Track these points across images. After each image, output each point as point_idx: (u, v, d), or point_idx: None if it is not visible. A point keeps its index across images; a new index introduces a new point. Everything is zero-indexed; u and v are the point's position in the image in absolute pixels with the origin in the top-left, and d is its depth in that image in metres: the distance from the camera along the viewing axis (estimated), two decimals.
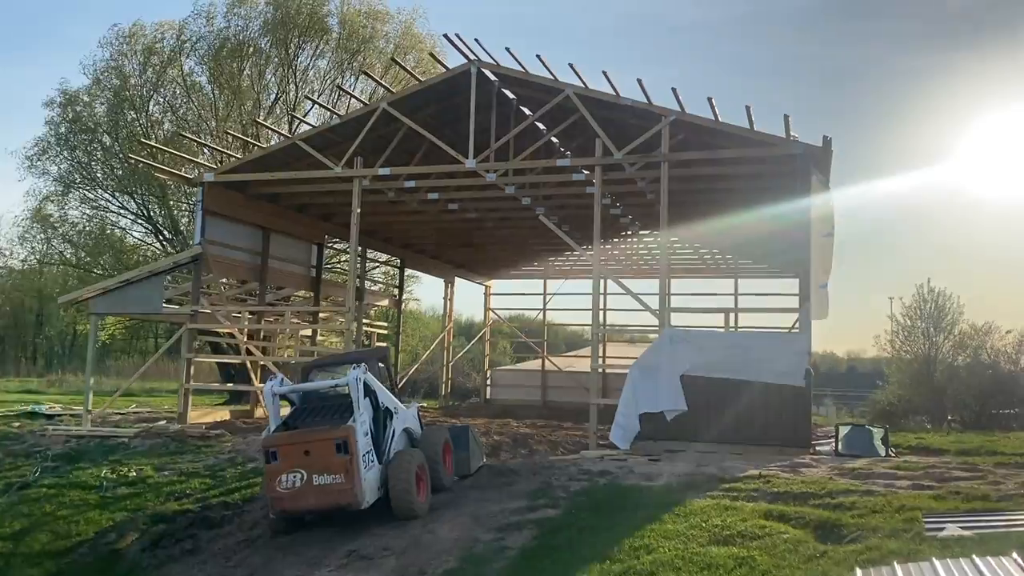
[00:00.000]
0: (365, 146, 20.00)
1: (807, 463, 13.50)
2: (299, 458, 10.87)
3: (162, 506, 13.59)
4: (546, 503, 11.19)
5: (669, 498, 10.48)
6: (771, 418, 15.98)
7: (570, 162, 18.31)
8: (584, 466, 13.71)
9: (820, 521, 8.60)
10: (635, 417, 16.31)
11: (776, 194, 19.70)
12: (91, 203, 37.89)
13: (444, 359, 33.68)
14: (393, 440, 12.11)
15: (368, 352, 14.54)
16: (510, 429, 20.98)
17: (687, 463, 13.88)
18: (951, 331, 32.96)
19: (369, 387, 11.56)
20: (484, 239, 28.39)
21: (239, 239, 21.62)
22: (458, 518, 11.14)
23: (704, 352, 16.54)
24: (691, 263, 32.25)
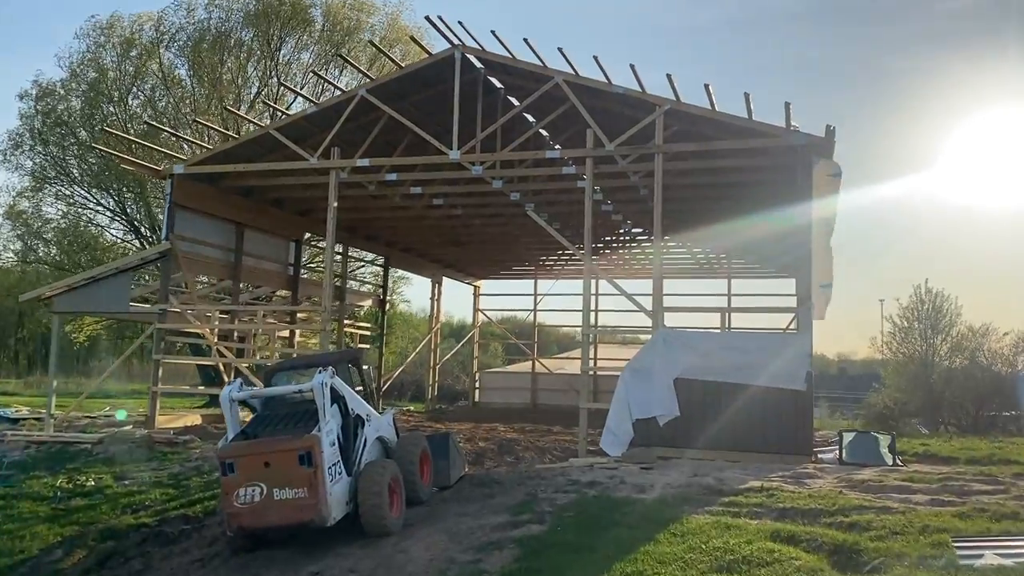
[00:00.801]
0: (344, 137, 19.02)
1: (811, 473, 12.59)
2: (258, 470, 9.89)
3: (116, 520, 12.62)
4: (530, 518, 10.24)
5: (664, 514, 9.55)
6: (770, 424, 15.08)
7: (560, 153, 17.36)
8: (572, 476, 12.77)
9: (835, 544, 7.68)
10: (627, 422, 15.39)
11: (776, 189, 18.84)
12: (67, 199, 36.81)
13: (431, 362, 32.69)
14: (364, 450, 11.13)
15: (338, 354, 13.59)
16: (497, 434, 20.04)
17: (682, 472, 12.95)
18: (948, 333, 32.35)
19: (337, 392, 10.59)
20: (472, 237, 27.44)
21: (211, 235, 20.61)
22: (434, 535, 10.17)
23: (699, 354, 15.63)
24: (685, 264, 31.37)
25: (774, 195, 19.48)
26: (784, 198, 18.81)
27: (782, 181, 18.15)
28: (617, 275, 29.96)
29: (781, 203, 19.34)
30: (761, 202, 20.33)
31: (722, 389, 15.33)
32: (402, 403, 36.38)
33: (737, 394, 15.21)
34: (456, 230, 26.08)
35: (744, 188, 19.58)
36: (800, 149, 15.76)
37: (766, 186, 19.10)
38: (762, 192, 19.66)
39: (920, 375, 31.41)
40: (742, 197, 20.30)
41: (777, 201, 19.54)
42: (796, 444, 14.89)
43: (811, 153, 15.62)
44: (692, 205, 21.38)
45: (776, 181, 18.45)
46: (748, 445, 15.09)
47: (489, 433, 20.48)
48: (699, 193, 20.18)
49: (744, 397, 15.17)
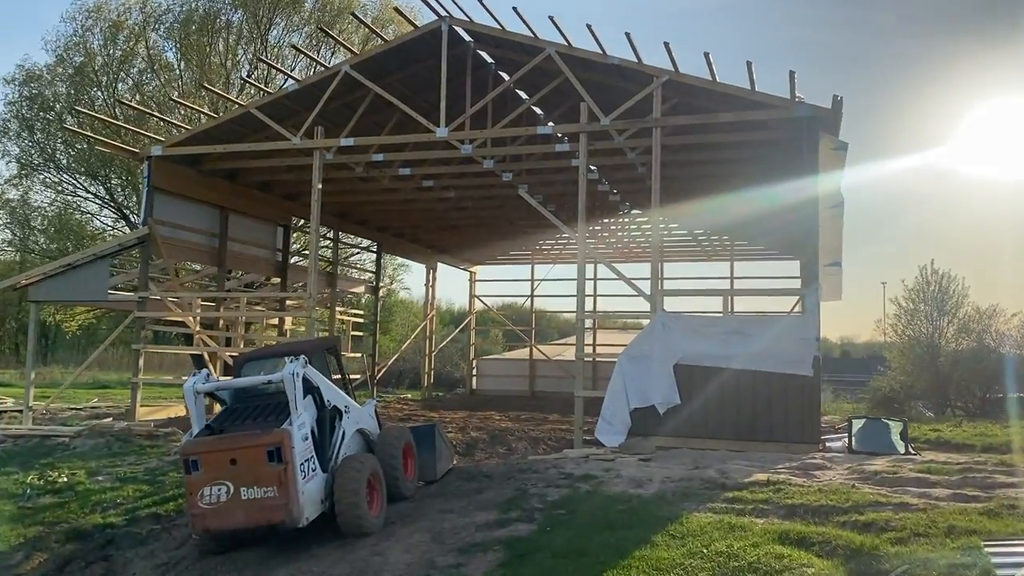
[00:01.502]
0: (329, 117, 18.24)
1: (819, 464, 11.85)
2: (224, 468, 9.17)
3: (85, 519, 11.87)
4: (519, 516, 9.53)
5: (662, 511, 8.82)
6: (776, 412, 14.36)
7: (552, 129, 16.55)
8: (566, 468, 12.05)
9: (851, 548, 6.93)
10: (624, 411, 14.66)
11: (780, 166, 18.04)
12: (55, 187, 36.04)
13: (426, 349, 31.97)
14: (342, 444, 10.41)
15: (313, 342, 12.85)
16: (490, 423, 19.33)
17: (682, 464, 12.23)
18: (955, 314, 31.71)
19: (311, 383, 9.85)
20: (465, 221, 26.66)
21: (193, 219, 19.83)
22: (415, 535, 9.46)
23: (700, 339, 14.88)
24: (685, 245, 30.60)
25: (778, 172, 18.67)
26: (788, 175, 18.03)
27: (786, 158, 17.36)
28: (615, 259, 29.18)
29: (785, 180, 18.56)
30: (764, 180, 19.51)
31: (724, 375, 14.60)
32: (399, 391, 35.73)
33: (741, 381, 14.49)
34: (449, 214, 25.30)
35: (746, 165, 18.77)
36: (805, 122, 14.97)
37: (769, 163, 18.30)
38: (765, 169, 18.85)
39: (926, 358, 30.81)
40: (744, 175, 19.49)
41: (781, 178, 18.74)
42: (803, 433, 14.17)
43: (817, 126, 14.82)
44: (692, 184, 20.57)
45: (780, 158, 17.65)
46: (752, 434, 14.38)
47: (483, 422, 19.77)
48: (699, 171, 19.37)
49: (748, 384, 14.45)
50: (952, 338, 31.64)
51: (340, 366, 11.37)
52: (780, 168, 18.34)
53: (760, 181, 19.75)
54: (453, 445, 14.93)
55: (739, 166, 18.91)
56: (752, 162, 18.56)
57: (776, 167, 18.42)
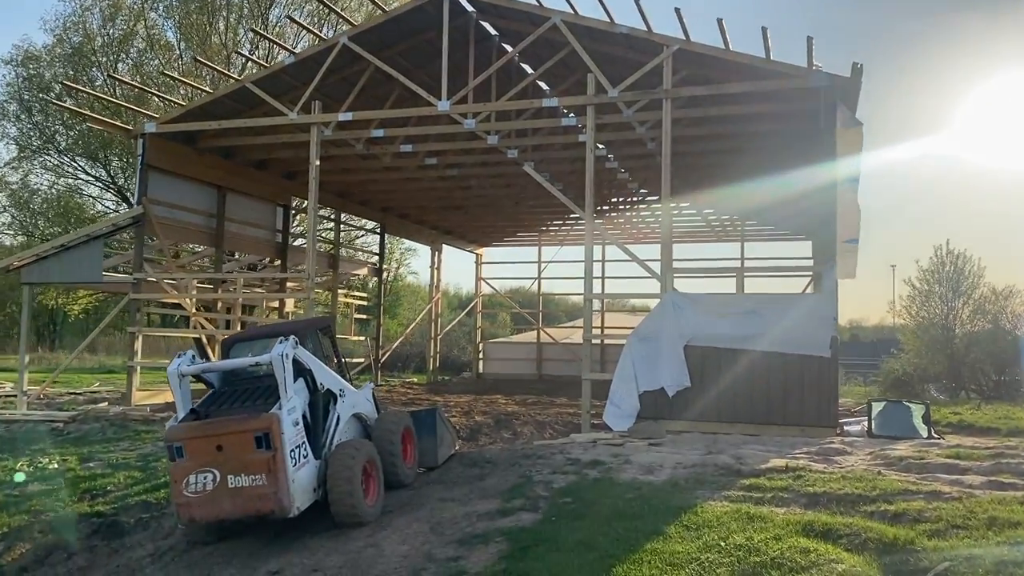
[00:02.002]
0: (327, 92, 17.67)
1: (839, 448, 11.28)
2: (210, 455, 8.66)
3: (72, 507, 11.41)
4: (522, 505, 9.00)
5: (675, 500, 8.27)
6: (791, 394, 13.79)
7: (558, 102, 15.90)
8: (573, 454, 11.51)
9: (884, 542, 6.35)
10: (633, 395, 14.12)
11: (796, 140, 17.41)
12: (56, 170, 35.59)
13: (431, 332, 31.46)
14: (337, 429, 9.89)
15: (305, 322, 12.31)
16: (496, 407, 18.83)
17: (695, 449, 11.68)
18: (971, 295, 31.14)
19: (302, 365, 9.32)
20: (470, 201, 26.06)
21: (190, 199, 19.31)
22: (413, 525, 8.94)
23: (713, 319, 14.31)
24: (696, 227, 29.96)
25: (793, 148, 18.05)
26: (804, 150, 17.38)
27: (802, 132, 16.72)
28: (625, 240, 28.57)
29: (801, 155, 17.91)
30: (779, 155, 18.90)
31: (738, 357, 14.04)
32: (405, 375, 35.31)
33: (755, 362, 13.93)
34: (453, 193, 24.71)
35: (761, 140, 18.11)
36: (823, 92, 14.29)
37: (785, 138, 17.66)
38: (780, 145, 18.23)
39: (941, 340, 30.26)
40: (759, 149, 18.85)
41: (796, 154, 18.10)
42: (820, 416, 13.61)
43: (835, 97, 14.16)
44: (704, 160, 19.92)
45: (795, 132, 17.01)
46: (767, 417, 13.83)
47: (488, 406, 19.27)
48: (711, 146, 18.70)
49: (763, 366, 13.89)
50: (967, 320, 31.12)
51: (335, 347, 10.84)
52: (796, 144, 17.70)
53: (775, 157, 19.12)
54: (456, 430, 14.41)
55: (753, 141, 18.25)
56: (767, 137, 17.90)
57: (791, 143, 17.78)
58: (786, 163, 19.50)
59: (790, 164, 19.31)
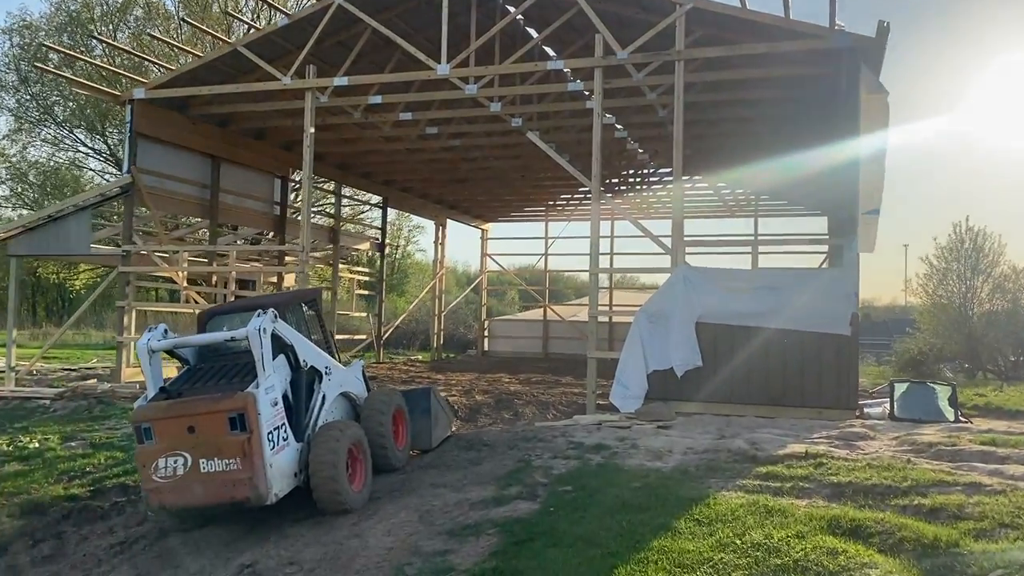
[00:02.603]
0: (323, 57, 16.91)
1: (861, 432, 10.55)
2: (181, 437, 8.00)
3: (47, 489, 10.80)
4: (520, 493, 8.32)
5: (685, 490, 7.56)
6: (808, 374, 13.04)
7: (564, 65, 15.05)
8: (576, 436, 10.82)
9: (923, 543, 5.60)
10: (641, 374, 13.39)
11: (816, 108, 16.54)
12: (54, 143, 34.92)
13: (435, 309, 30.77)
14: (322, 409, 9.21)
15: (289, 294, 11.61)
16: (499, 386, 18.16)
17: (706, 432, 10.96)
18: (990, 273, 30.33)
19: (282, 340, 8.62)
20: (475, 174, 25.25)
21: (182, 169, 18.60)
22: (401, 513, 8.27)
23: (726, 294, 13.54)
24: (708, 201, 29.09)
25: (813, 116, 17.19)
26: (825, 118, 16.53)
27: (823, 98, 15.87)
28: (635, 216, 27.70)
29: (821, 124, 17.05)
30: (798, 124, 18.03)
31: (752, 335, 13.29)
32: (410, 352, 34.71)
33: (770, 340, 13.18)
34: (457, 165, 23.91)
35: (779, 107, 17.22)
36: (846, 53, 13.41)
37: (804, 105, 16.78)
38: (799, 112, 17.34)
39: (958, 319, 29.52)
40: (776, 118, 17.99)
41: (816, 123, 17.24)
42: (839, 398, 12.87)
43: (858, 60, 13.27)
44: (718, 129, 19.05)
45: (816, 99, 16.14)
46: (782, 399, 13.10)
47: (491, 385, 18.60)
48: (726, 114, 17.83)
49: (778, 344, 13.14)
50: (986, 299, 30.37)
51: (321, 322, 10.14)
52: (816, 112, 16.83)
53: (793, 127, 18.25)
54: (454, 410, 13.76)
55: (770, 108, 17.36)
56: (785, 105, 17.02)
57: (811, 111, 16.90)
58: (805, 133, 18.63)
59: (810, 134, 18.46)
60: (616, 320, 28.02)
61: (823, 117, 16.77)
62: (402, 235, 57.30)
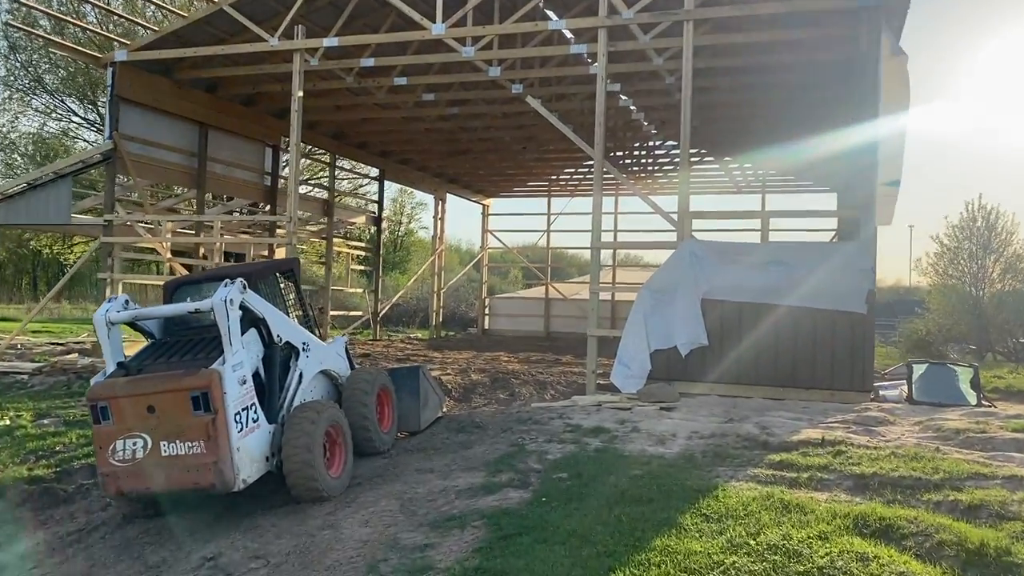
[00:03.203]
0: (314, 19, 16.12)
1: (879, 417, 9.84)
2: (140, 417, 7.32)
3: (10, 471, 10.16)
4: (510, 480, 7.64)
5: (691, 480, 6.87)
6: (821, 355, 12.32)
7: (565, 24, 14.21)
8: (573, 419, 10.13)
9: (968, 547, 4.84)
10: (644, 353, 12.68)
11: (833, 75, 15.72)
12: (47, 113, 34.12)
13: (435, 286, 30.06)
14: (298, 388, 8.53)
15: (262, 264, 10.91)
16: (496, 365, 17.48)
17: (712, 416, 10.27)
18: (1002, 253, 29.63)
19: (253, 313, 7.92)
20: (475, 145, 24.45)
21: (168, 136, 17.81)
22: (382, 502, 7.61)
23: (735, 269, 12.80)
24: (715, 177, 28.25)
25: (830, 84, 16.37)
26: (842, 83, 15.72)
27: (840, 64, 15.03)
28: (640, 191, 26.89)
29: (837, 92, 16.26)
30: (814, 93, 17.22)
31: (762, 312, 12.56)
32: (410, 330, 34.07)
33: (780, 318, 12.45)
34: (456, 135, 23.10)
35: (794, 73, 16.35)
36: (867, 13, 12.58)
37: (821, 71, 15.92)
38: (816, 80, 16.48)
39: (968, 299, 28.88)
40: (791, 86, 17.12)
41: (832, 90, 16.44)
42: (853, 379, 12.14)
43: (879, 20, 12.43)
44: (728, 98, 18.19)
45: (833, 65, 15.29)
46: (793, 380, 12.39)
47: (489, 363, 17.93)
48: (738, 81, 16.97)
49: (789, 322, 12.42)
50: (997, 279, 29.75)
51: (300, 294, 9.42)
52: (832, 79, 16.01)
53: (808, 95, 17.43)
54: (447, 389, 13.09)
55: (785, 76, 16.49)
56: (800, 71, 16.16)
57: (828, 77, 16.07)
58: (821, 104, 17.84)
59: (825, 105, 17.66)
60: (619, 298, 27.29)
61: (840, 84, 15.96)
62: (405, 212, 56.55)
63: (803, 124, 18.98)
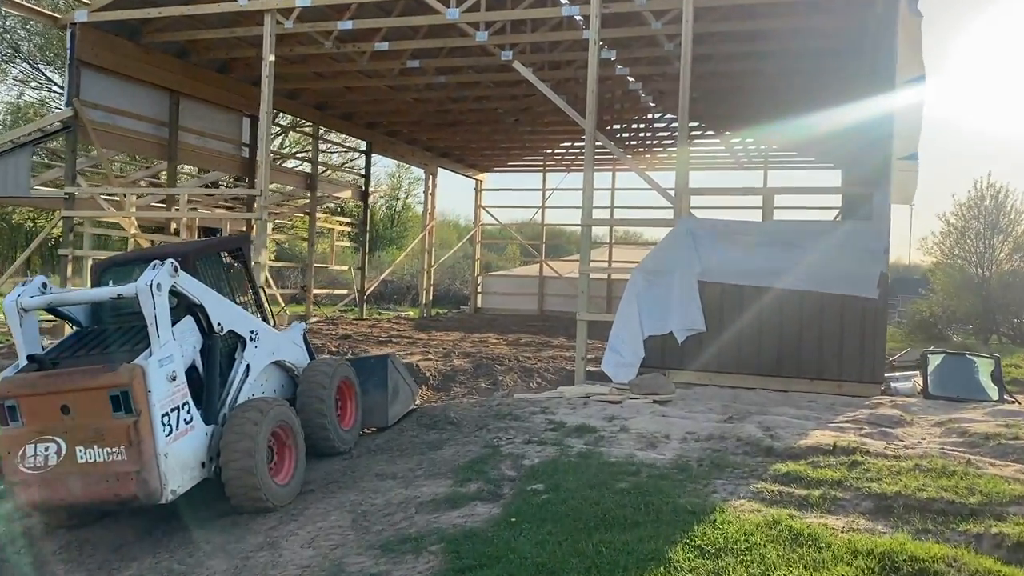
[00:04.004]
0: None
1: (893, 416, 8.90)
2: (53, 418, 6.39)
3: None
4: (479, 491, 6.72)
5: (685, 497, 5.94)
6: (828, 343, 11.40)
7: None
8: (557, 414, 9.20)
9: None
10: (637, 339, 11.75)
11: (845, 40, 14.65)
12: (28, 81, 32.95)
13: (424, 263, 29.06)
14: (244, 383, 7.58)
15: (203, 242, 9.93)
16: (483, 348, 16.57)
17: (710, 411, 9.34)
18: (1010, 233, 28.83)
19: (189, 299, 6.96)
20: (466, 116, 23.33)
21: (136, 104, 16.72)
22: (332, 515, 6.69)
23: (736, 250, 11.83)
24: (715, 154, 27.17)
25: (840, 49, 15.31)
26: (852, 52, 14.67)
27: (852, 30, 13.97)
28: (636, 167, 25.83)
29: (849, 60, 15.20)
30: (822, 60, 16.14)
31: (764, 296, 11.62)
32: (401, 308, 33.14)
33: (784, 303, 11.52)
34: (446, 107, 22.00)
35: (801, 38, 15.26)
36: None
37: (831, 36, 14.84)
38: (824, 46, 15.40)
39: (975, 279, 28.14)
40: (799, 54, 16.04)
41: (844, 58, 15.38)
42: (862, 370, 11.22)
43: None
44: (731, 67, 17.09)
45: (845, 30, 14.23)
46: (797, 370, 11.47)
47: (475, 346, 17.00)
48: (741, 48, 15.86)
49: (794, 307, 11.50)
50: (1005, 259, 29.03)
51: (250, 276, 8.42)
52: (844, 45, 14.94)
53: (818, 63, 16.35)
54: (424, 378, 12.17)
55: (792, 41, 15.38)
56: (810, 37, 15.06)
57: (840, 43, 15.00)
58: (832, 72, 16.75)
59: (836, 73, 16.59)
60: (616, 278, 26.37)
61: (852, 51, 14.89)
62: (403, 187, 55.27)
63: (811, 95, 17.90)
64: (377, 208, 49.57)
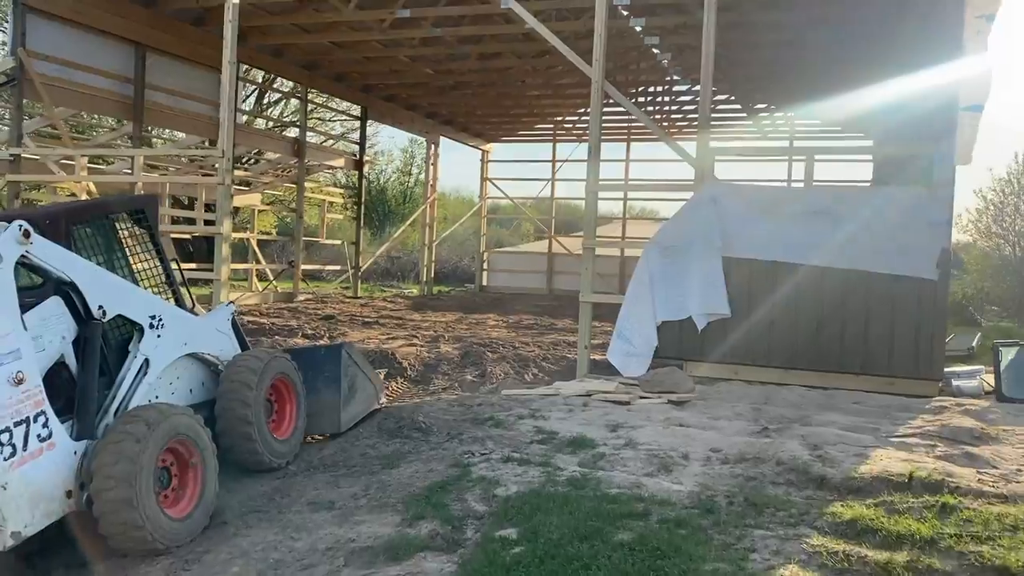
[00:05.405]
0: None
1: (969, 427, 7.09)
2: None
3: None
4: (432, 534, 5.02)
5: (710, 560, 4.21)
6: (876, 332, 9.61)
7: None
8: (549, 420, 7.48)
9: None
10: (650, 326, 9.99)
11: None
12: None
13: (425, 238, 27.31)
14: (140, 382, 5.89)
15: (87, 203, 8.20)
16: (478, 331, 14.86)
17: (738, 418, 7.59)
18: None
19: (55, 276, 5.26)
20: (468, 77, 21.41)
21: (94, 57, 14.96)
22: (234, 566, 5.00)
23: (768, 221, 10.02)
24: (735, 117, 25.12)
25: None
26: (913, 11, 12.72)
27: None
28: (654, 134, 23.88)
29: (905, 25, 13.23)
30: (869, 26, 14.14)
31: (800, 276, 9.84)
32: (405, 285, 31.49)
33: (825, 284, 9.75)
34: (445, 65, 20.09)
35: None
36: None
37: None
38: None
39: (1013, 259, 26.51)
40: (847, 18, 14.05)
41: (900, 23, 13.40)
42: (919, 364, 9.43)
43: None
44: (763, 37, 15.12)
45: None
46: (840, 363, 9.71)
47: (470, 329, 15.30)
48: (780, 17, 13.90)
49: (836, 289, 9.72)
50: None
51: (157, 246, 6.66)
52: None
53: (870, 28, 14.34)
54: (401, 368, 10.45)
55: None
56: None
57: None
58: (878, 25, 14.76)
59: (883, 22, 14.60)
60: (629, 254, 24.57)
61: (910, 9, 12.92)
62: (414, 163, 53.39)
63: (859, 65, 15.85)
64: (390, 184, 47.77)
